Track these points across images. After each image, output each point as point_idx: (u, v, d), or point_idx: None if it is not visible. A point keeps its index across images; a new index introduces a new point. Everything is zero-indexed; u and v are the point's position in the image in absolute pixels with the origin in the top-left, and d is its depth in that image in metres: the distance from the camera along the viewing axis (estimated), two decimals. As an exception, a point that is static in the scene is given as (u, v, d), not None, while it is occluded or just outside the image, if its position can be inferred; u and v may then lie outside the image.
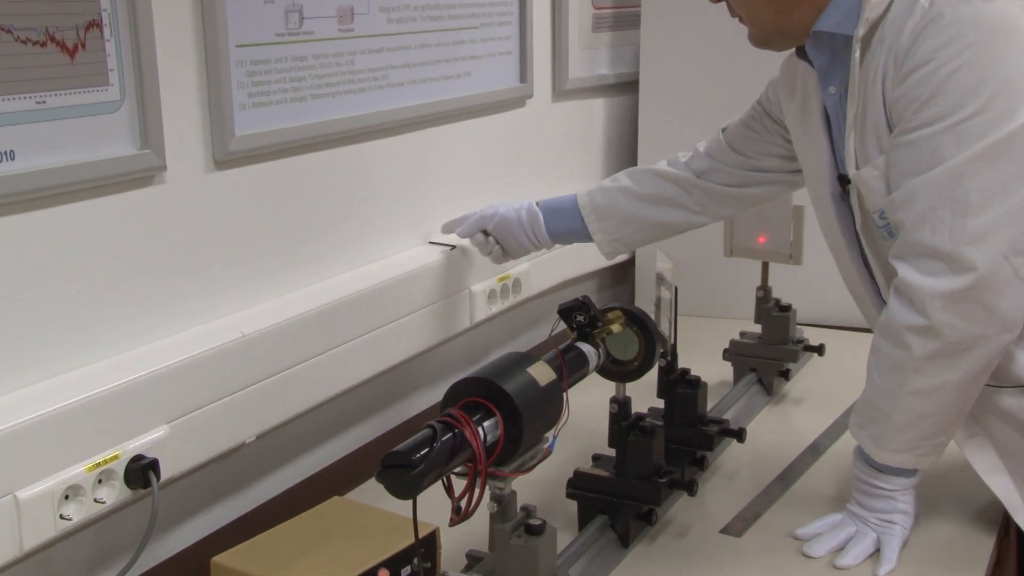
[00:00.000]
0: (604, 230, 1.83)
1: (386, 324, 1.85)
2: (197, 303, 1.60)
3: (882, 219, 1.46)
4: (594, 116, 2.56)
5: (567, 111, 2.44)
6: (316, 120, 1.74)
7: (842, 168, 1.51)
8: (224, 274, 1.64)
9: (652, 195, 1.81)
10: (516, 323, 2.36)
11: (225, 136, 1.58)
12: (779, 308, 2.06)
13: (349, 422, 1.94)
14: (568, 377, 1.44)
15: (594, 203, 1.84)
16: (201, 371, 1.52)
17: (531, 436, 1.30)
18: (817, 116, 1.54)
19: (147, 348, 1.51)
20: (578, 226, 1.85)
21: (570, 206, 1.86)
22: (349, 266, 1.87)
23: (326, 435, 1.89)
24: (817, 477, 1.75)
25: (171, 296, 1.55)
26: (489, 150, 2.21)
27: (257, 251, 1.69)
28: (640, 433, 1.55)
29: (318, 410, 1.80)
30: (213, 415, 1.54)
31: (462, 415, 1.24)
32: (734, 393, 2.01)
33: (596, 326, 1.55)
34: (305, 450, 1.85)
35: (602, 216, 1.83)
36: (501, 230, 1.88)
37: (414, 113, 1.95)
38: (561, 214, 1.86)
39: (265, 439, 1.70)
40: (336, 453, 1.90)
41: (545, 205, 1.88)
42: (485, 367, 1.33)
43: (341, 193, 1.84)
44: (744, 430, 1.73)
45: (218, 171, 1.59)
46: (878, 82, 1.41)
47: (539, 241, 1.88)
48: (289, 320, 1.66)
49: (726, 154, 1.77)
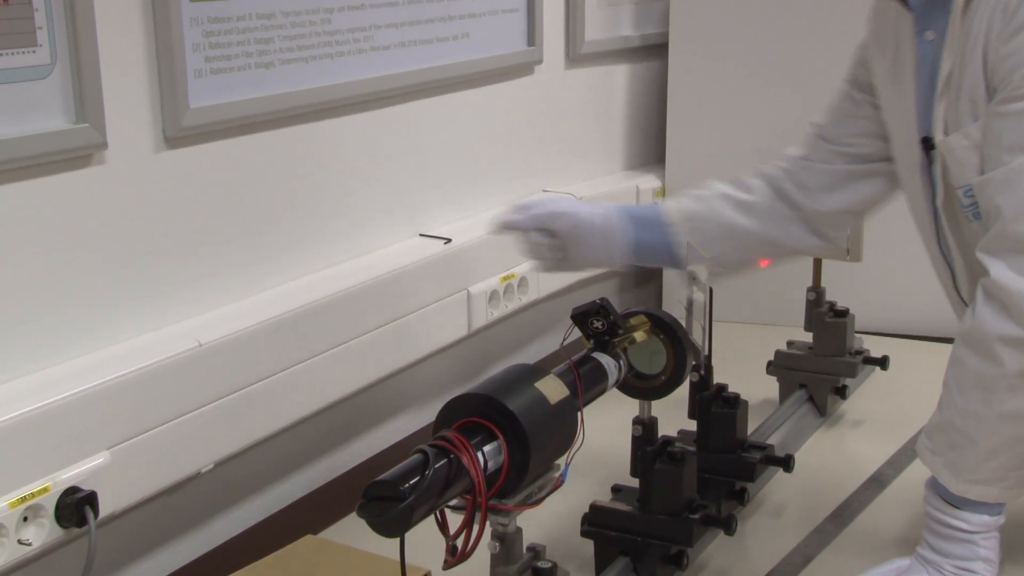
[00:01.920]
0: (697, 246, 1.67)
1: (369, 331, 1.85)
2: (144, 306, 1.59)
3: (968, 196, 1.45)
4: (615, 85, 2.55)
5: (583, 79, 2.44)
6: (286, 90, 1.73)
7: (928, 131, 1.50)
8: (177, 272, 1.63)
9: (759, 205, 1.70)
10: (522, 330, 2.36)
11: (177, 108, 1.57)
12: (834, 313, 2.05)
13: (325, 447, 1.94)
14: (583, 394, 1.44)
15: (684, 210, 1.71)
16: (148, 387, 1.51)
17: (540, 463, 1.29)
18: (909, 68, 1.53)
19: (84, 360, 1.50)
20: (660, 240, 1.70)
21: (650, 214, 1.72)
22: (324, 263, 1.87)
23: (297, 463, 1.89)
24: (879, 514, 1.74)
25: (113, 298, 1.55)
26: (490, 126, 2.20)
27: (216, 246, 1.68)
28: (668, 460, 1.54)
29: (288, 433, 1.79)
30: (163, 440, 1.53)
31: (459, 438, 1.24)
32: (780, 413, 2.00)
33: (616, 334, 1.54)
34: (272, 480, 1.85)
35: (696, 227, 1.69)
36: (575, 234, 1.69)
37: (402, 82, 1.94)
38: (643, 224, 1.71)
39: (225, 468, 1.70)
40: (309, 484, 1.90)
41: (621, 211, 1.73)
42: (485, 382, 1.32)
43: (315, 177, 1.83)
44: (792, 457, 1.73)
45: (169, 150, 1.59)
46: (981, 35, 1.40)
47: (613, 257, 1.71)
48: (254, 327, 1.66)
49: (819, 149, 1.72)
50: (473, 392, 1.29)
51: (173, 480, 1.57)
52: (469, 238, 2.07)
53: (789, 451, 1.80)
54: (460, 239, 2.05)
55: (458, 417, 1.28)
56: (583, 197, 2.37)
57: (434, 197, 2.08)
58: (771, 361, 2.07)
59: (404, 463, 1.20)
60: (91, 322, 1.52)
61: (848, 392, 2.09)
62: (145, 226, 1.58)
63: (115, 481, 1.46)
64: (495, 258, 2.12)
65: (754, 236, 1.71)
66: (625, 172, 2.62)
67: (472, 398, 1.29)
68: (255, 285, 1.76)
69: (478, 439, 1.26)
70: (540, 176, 2.37)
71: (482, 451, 1.25)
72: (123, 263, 1.55)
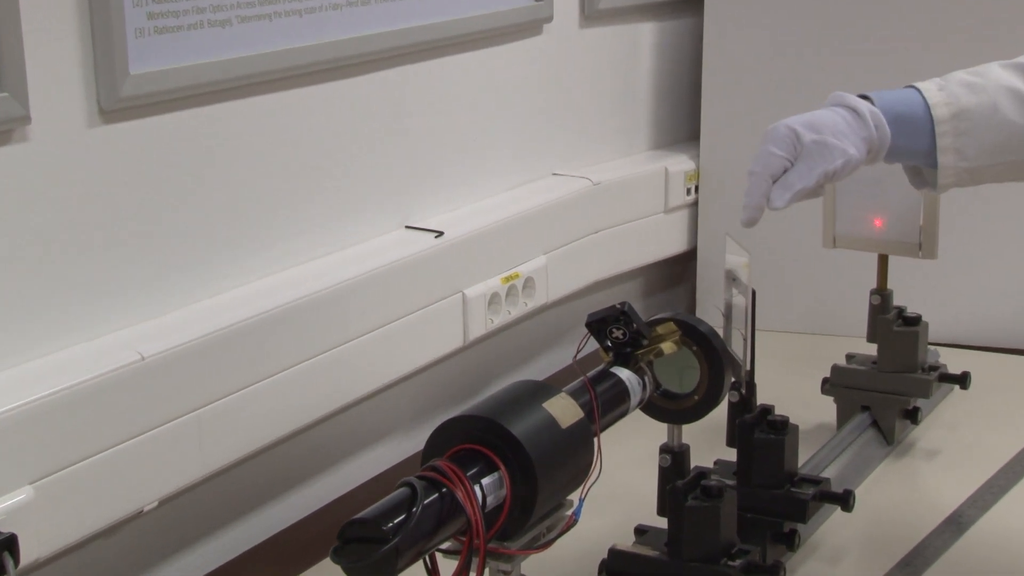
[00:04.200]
0: (960, 150, 1.61)
1: (344, 342, 1.85)
2: (74, 312, 1.59)
3: None
4: (640, 46, 2.56)
5: (601, 41, 2.45)
6: (244, 53, 1.73)
7: None
8: (114, 271, 1.63)
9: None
10: (528, 340, 2.36)
11: (115, 76, 1.57)
12: (903, 321, 2.05)
13: (292, 480, 1.94)
14: (601, 416, 1.44)
15: (957, 103, 1.61)
16: (79, 410, 1.51)
17: (548, 498, 1.29)
18: None
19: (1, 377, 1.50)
20: (920, 142, 1.61)
21: (911, 107, 1.62)
22: (291, 261, 1.87)
23: (259, 500, 1.89)
24: (959, 562, 1.74)
25: (37, 301, 1.55)
26: (490, 98, 2.21)
27: (162, 239, 1.69)
28: (703, 496, 1.54)
29: (247, 464, 1.79)
30: (97, 472, 1.53)
31: (452, 469, 1.24)
32: (838, 441, 2.00)
33: (640, 345, 1.55)
34: (229, 521, 1.85)
35: (965, 128, 1.60)
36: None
37: (383, 44, 1.94)
38: (901, 123, 1.61)
39: (173, 506, 1.70)
40: (274, 524, 1.90)
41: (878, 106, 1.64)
42: (484, 402, 1.33)
43: (280, 158, 1.84)
44: (852, 494, 1.72)
45: (104, 124, 1.59)
46: None
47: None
48: (207, 336, 1.66)
49: None
50: (469, 414, 1.30)
51: (110, 520, 1.57)
52: (464, 231, 2.07)
53: (849, 486, 1.80)
54: (453, 232, 2.05)
55: (452, 444, 1.28)
56: (600, 182, 2.39)
57: (423, 182, 2.08)
58: (827, 378, 2.07)
59: (387, 498, 1.20)
60: (8, 332, 1.52)
61: (921, 416, 2.08)
62: (76, 216, 1.58)
63: (40, 522, 1.46)
64: (495, 254, 2.12)
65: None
66: (651, 152, 2.63)
67: (468, 421, 1.29)
68: (208, 287, 1.76)
69: (475, 470, 1.26)
70: (549, 157, 2.37)
71: (480, 484, 1.25)
72: (48, 260, 1.55)
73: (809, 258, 2.35)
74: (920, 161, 1.63)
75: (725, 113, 2.55)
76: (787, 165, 1.56)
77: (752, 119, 2.50)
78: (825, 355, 2.14)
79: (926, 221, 2.03)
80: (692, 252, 2.64)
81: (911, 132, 1.60)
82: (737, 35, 2.52)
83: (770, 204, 1.55)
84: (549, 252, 2.24)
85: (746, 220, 1.56)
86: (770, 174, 1.55)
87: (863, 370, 2.06)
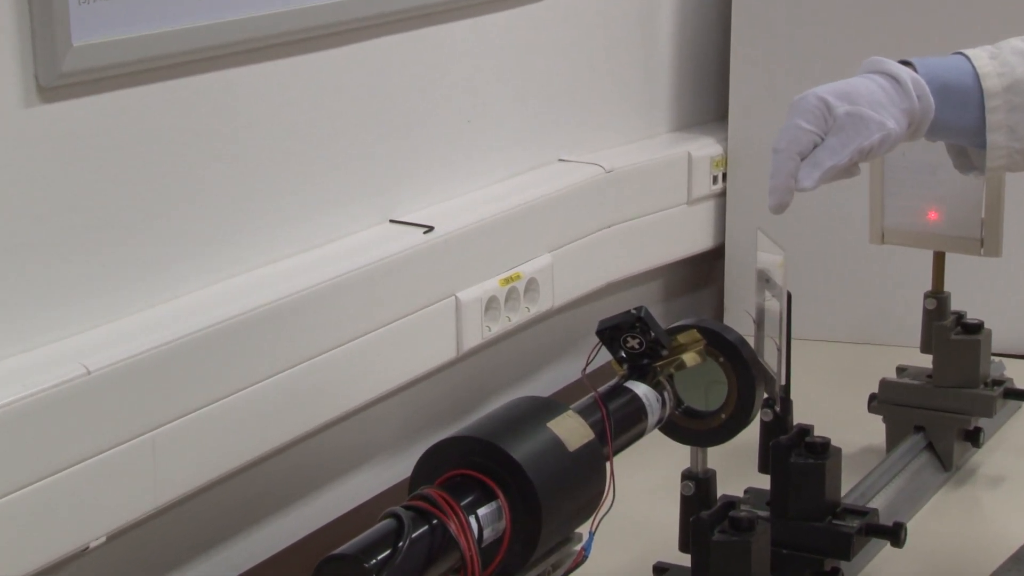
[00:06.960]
0: (1013, 128, 1.62)
1: (322, 353, 1.86)
2: (10, 318, 1.59)
3: None
4: (659, 12, 2.57)
5: (615, 6, 2.45)
6: (205, 21, 1.73)
7: None
8: (55, 272, 1.64)
9: None
10: (530, 351, 2.37)
11: (55, 47, 1.57)
12: (963, 328, 2.06)
13: (263, 512, 1.95)
14: (614, 438, 1.45)
15: (1011, 74, 1.62)
16: (16, 430, 1.51)
17: (554, 531, 1.30)
18: None
19: (-72, 392, 1.51)
20: (967, 116, 1.63)
21: (959, 77, 1.63)
22: (260, 260, 1.88)
23: (223, 534, 1.90)
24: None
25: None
26: (486, 73, 2.21)
27: (110, 234, 1.69)
28: (731, 530, 1.55)
29: (211, 493, 1.80)
30: (34, 503, 1.53)
31: (444, 498, 1.25)
32: (887, 467, 2.01)
33: (659, 356, 1.55)
34: (190, 557, 1.86)
35: (1020, 103, 1.61)
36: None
37: (363, 11, 1.95)
38: (947, 94, 1.62)
39: (123, 541, 1.71)
40: (241, 562, 1.91)
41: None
42: (481, 421, 1.34)
43: (246, 142, 1.84)
44: (904, 527, 1.73)
45: (44, 104, 1.59)
46: None
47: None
48: (162, 347, 1.66)
49: None
50: (463, 435, 1.30)
51: (50, 559, 1.57)
52: (457, 225, 2.08)
53: (900, 518, 1.80)
54: (445, 227, 2.05)
55: (443, 469, 1.29)
56: (613, 169, 2.39)
57: (409, 170, 2.08)
58: (874, 394, 2.08)
59: (370, 531, 1.21)
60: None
61: (983, 438, 2.09)
62: (10, 208, 1.58)
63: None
64: (493, 253, 2.13)
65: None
66: (673, 134, 2.63)
67: (462, 443, 1.30)
68: (163, 291, 1.76)
69: (470, 499, 1.26)
70: (554, 141, 2.37)
71: (476, 515, 1.26)
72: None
73: (854, 256, 2.36)
74: (966, 140, 1.64)
75: (757, 89, 2.55)
76: (817, 141, 1.57)
77: (788, 96, 2.50)
78: (872, 368, 2.14)
79: (988, 213, 2.03)
80: (719, 249, 2.65)
81: (957, 105, 1.61)
82: (771, 2, 2.53)
83: (798, 185, 1.56)
84: (555, 250, 2.25)
85: (774, 205, 1.56)
86: (797, 151, 1.56)
87: (916, 385, 2.07)
